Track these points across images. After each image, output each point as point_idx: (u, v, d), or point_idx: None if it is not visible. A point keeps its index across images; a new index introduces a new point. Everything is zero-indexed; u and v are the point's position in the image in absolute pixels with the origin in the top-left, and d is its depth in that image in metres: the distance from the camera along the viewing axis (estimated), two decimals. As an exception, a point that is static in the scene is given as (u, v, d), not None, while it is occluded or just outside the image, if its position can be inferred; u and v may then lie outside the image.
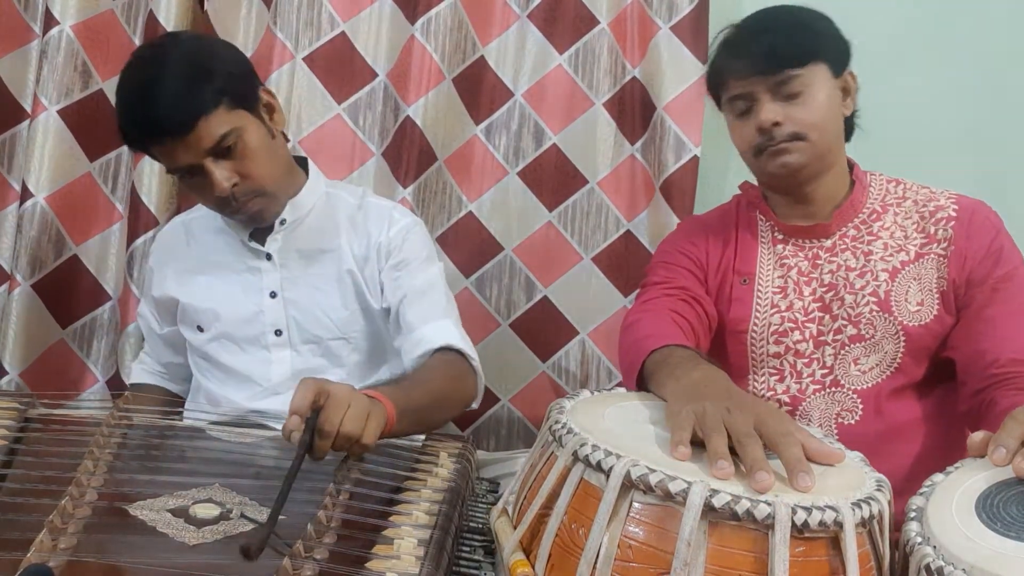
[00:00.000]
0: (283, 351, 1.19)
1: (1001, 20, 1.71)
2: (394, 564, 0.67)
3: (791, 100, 1.04)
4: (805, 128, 1.04)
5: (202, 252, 1.22)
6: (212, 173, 1.05)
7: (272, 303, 1.19)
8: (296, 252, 1.19)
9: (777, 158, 1.05)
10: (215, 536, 0.71)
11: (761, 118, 1.04)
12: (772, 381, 1.11)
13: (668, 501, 0.60)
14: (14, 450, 0.85)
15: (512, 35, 1.64)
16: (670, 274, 1.16)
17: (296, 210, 1.19)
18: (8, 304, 1.52)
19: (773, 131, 1.04)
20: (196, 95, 1.03)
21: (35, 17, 1.55)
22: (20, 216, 1.51)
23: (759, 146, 1.06)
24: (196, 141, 1.03)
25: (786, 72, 1.03)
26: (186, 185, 1.14)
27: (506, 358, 1.65)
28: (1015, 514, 0.63)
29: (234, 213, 1.13)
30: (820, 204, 1.11)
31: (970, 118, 1.70)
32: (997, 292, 1.03)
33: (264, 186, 1.11)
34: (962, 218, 1.07)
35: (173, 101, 1.02)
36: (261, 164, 1.09)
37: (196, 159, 1.05)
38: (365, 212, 1.23)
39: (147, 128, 1.04)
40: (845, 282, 1.08)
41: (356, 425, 0.83)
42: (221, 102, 1.04)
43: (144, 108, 1.03)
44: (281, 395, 1.16)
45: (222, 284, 1.20)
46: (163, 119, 1.02)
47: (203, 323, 1.20)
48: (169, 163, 1.08)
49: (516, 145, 1.65)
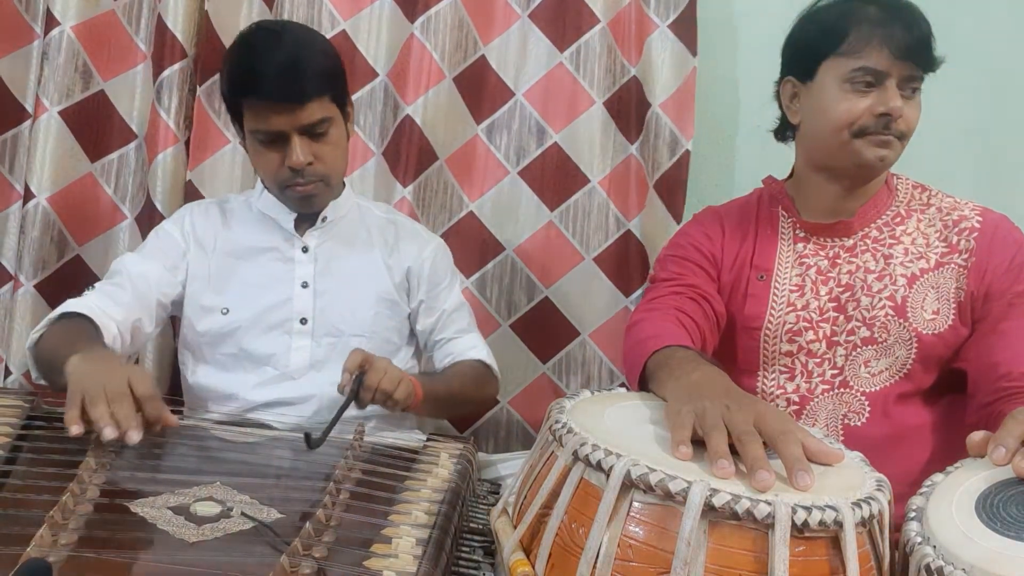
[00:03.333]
0: (304, 339, 1.23)
1: (1001, 20, 1.71)
2: (392, 563, 0.67)
3: (910, 98, 1.03)
4: (908, 130, 1.04)
5: (239, 236, 1.26)
6: (295, 146, 1.14)
7: (302, 292, 1.24)
8: (330, 249, 1.27)
9: (878, 149, 1.04)
10: (215, 534, 0.71)
11: (891, 104, 1.01)
12: (782, 379, 1.11)
13: (668, 500, 0.60)
14: (17, 447, 0.85)
15: (513, 34, 1.64)
16: (680, 270, 1.15)
17: (336, 211, 1.28)
18: (11, 305, 1.52)
19: (889, 121, 1.02)
20: (320, 77, 1.14)
21: (36, 18, 1.56)
22: (23, 217, 1.52)
23: (866, 128, 1.03)
24: (299, 115, 1.13)
25: (919, 70, 1.03)
26: (257, 148, 1.18)
27: (506, 359, 1.65)
28: (1015, 514, 0.63)
29: (293, 189, 1.19)
30: (850, 201, 1.10)
31: (970, 118, 1.70)
32: (1014, 307, 1.02)
33: (330, 175, 1.21)
34: (986, 231, 1.06)
35: (303, 74, 1.12)
36: (334, 156, 1.20)
37: (287, 129, 1.14)
38: (396, 227, 1.34)
39: (266, 86, 1.11)
40: (863, 284, 1.07)
41: (391, 385, 1.06)
42: (328, 92, 1.16)
43: (273, 67, 1.11)
44: (296, 380, 1.22)
45: (256, 269, 1.24)
46: (287, 85, 1.11)
47: (231, 304, 1.23)
48: (258, 123, 1.14)
49: (517, 144, 1.65)
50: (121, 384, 0.86)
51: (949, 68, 1.69)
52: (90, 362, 0.93)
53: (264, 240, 1.26)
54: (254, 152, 1.20)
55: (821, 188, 1.11)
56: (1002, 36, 1.70)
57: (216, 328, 1.23)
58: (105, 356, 0.99)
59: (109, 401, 0.84)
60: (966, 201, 1.11)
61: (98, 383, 0.86)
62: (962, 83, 1.69)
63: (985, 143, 1.71)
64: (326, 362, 1.23)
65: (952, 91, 1.69)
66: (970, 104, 1.70)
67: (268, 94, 1.12)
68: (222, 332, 1.23)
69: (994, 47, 1.70)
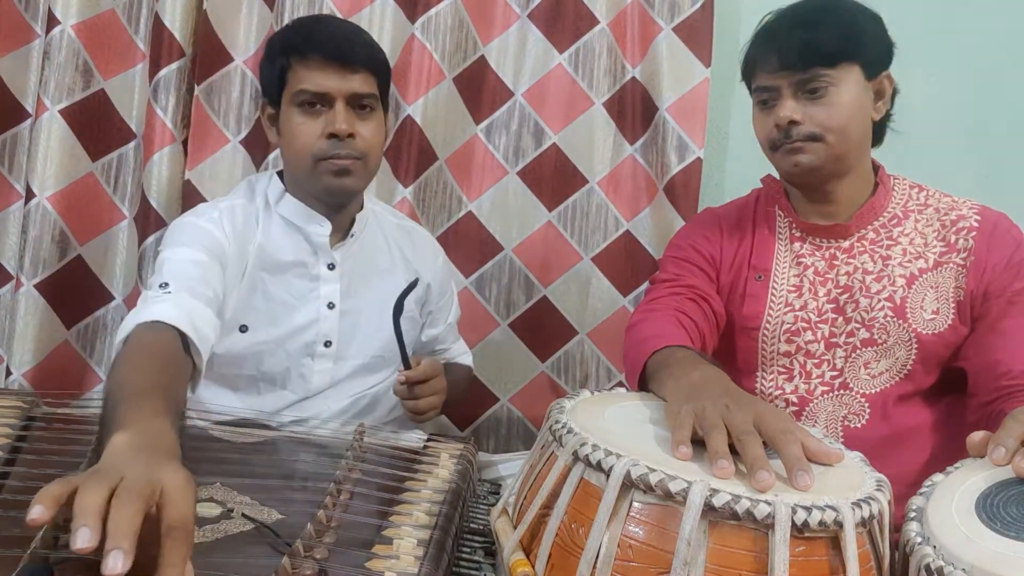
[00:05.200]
0: (327, 363, 1.19)
1: (1001, 20, 1.71)
2: (393, 564, 0.67)
3: (814, 99, 1.03)
4: (823, 129, 1.03)
5: (268, 246, 1.16)
6: (339, 111, 1.10)
7: (329, 314, 1.18)
8: (354, 267, 1.21)
9: (791, 156, 1.05)
10: (215, 535, 0.71)
11: (779, 115, 1.03)
12: (780, 380, 1.11)
13: (668, 500, 0.60)
14: (17, 448, 0.85)
15: (513, 34, 1.64)
16: (679, 271, 1.15)
17: (360, 224, 1.22)
18: (13, 304, 1.52)
19: (790, 129, 1.03)
20: (374, 53, 1.15)
21: (36, 17, 1.55)
22: (24, 216, 1.52)
23: (775, 141, 1.06)
24: (350, 79, 1.10)
25: (813, 70, 1.01)
26: (296, 118, 1.11)
27: (506, 358, 1.65)
28: (1015, 514, 0.63)
29: (330, 162, 1.11)
30: (841, 205, 1.10)
31: (970, 118, 1.70)
32: (1013, 305, 1.02)
33: (367, 154, 1.14)
34: (984, 229, 1.06)
35: (359, 43, 1.13)
36: (374, 138, 1.14)
37: (334, 91, 1.10)
38: (409, 236, 1.31)
39: (324, 44, 1.10)
40: (861, 285, 1.07)
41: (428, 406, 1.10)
42: (377, 75, 1.14)
43: (334, 30, 1.13)
44: (312, 399, 1.19)
45: (281, 285, 1.16)
46: (345, 46, 1.10)
47: (252, 323, 1.13)
48: (308, 82, 1.10)
49: (516, 145, 1.65)
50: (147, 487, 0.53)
51: (949, 68, 1.69)
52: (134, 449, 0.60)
53: (291, 254, 1.16)
54: (291, 125, 1.11)
55: (800, 196, 1.13)
56: (1002, 36, 1.70)
57: (233, 347, 1.13)
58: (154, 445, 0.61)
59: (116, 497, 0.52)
60: (964, 200, 1.11)
61: (116, 472, 0.54)
62: (962, 83, 1.70)
63: (985, 143, 1.71)
64: (345, 380, 1.20)
65: (952, 91, 1.69)
66: (970, 104, 1.70)
67: (323, 52, 1.09)
68: (240, 352, 1.14)
69: (994, 47, 1.70)
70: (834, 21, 1.03)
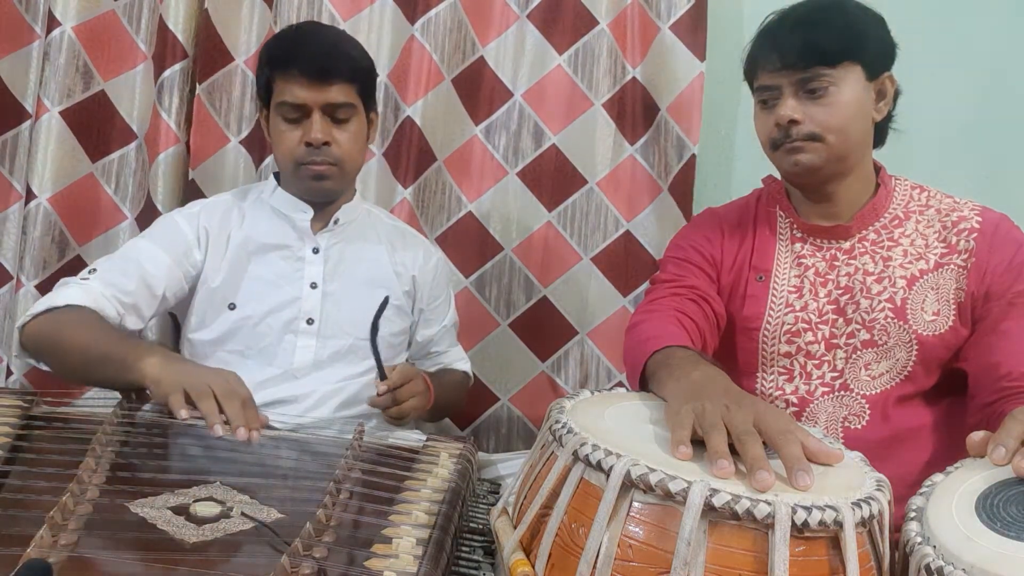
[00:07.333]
0: (310, 339, 1.24)
1: (1002, 20, 1.71)
2: (392, 563, 0.67)
3: (815, 99, 1.03)
4: (823, 129, 1.03)
5: (252, 232, 1.27)
6: (315, 121, 1.19)
7: (311, 292, 1.25)
8: (340, 251, 1.29)
9: (791, 156, 1.05)
10: (215, 534, 0.71)
11: (779, 114, 1.04)
12: (781, 381, 1.10)
13: (668, 500, 0.60)
14: (17, 447, 0.85)
15: (511, 35, 1.65)
16: (680, 271, 1.15)
17: (347, 214, 1.31)
18: (13, 305, 1.52)
19: (791, 128, 1.04)
20: (351, 64, 1.21)
21: (36, 18, 1.56)
22: (24, 217, 1.52)
23: (776, 141, 1.06)
24: (324, 92, 1.19)
25: (813, 70, 1.02)
26: (280, 125, 1.22)
27: (506, 358, 1.65)
28: (1015, 514, 0.63)
29: (308, 167, 1.22)
30: (841, 205, 1.10)
31: (970, 118, 1.70)
32: (1014, 306, 1.02)
33: (344, 161, 1.23)
34: (985, 231, 1.05)
35: (335, 57, 1.19)
36: (351, 145, 1.23)
37: (311, 103, 1.19)
38: (402, 235, 1.38)
39: (300, 61, 1.18)
40: (862, 286, 1.07)
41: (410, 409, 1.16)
42: (356, 83, 1.22)
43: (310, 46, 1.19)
44: (299, 380, 1.23)
45: (267, 267, 1.25)
46: (319, 62, 1.18)
47: (239, 301, 1.23)
48: (287, 94, 1.19)
49: (515, 145, 1.65)
50: (227, 384, 0.93)
51: (949, 68, 1.69)
52: (179, 362, 1.01)
53: (276, 237, 1.26)
54: (276, 131, 1.23)
55: (801, 196, 1.13)
56: (1002, 36, 1.71)
57: (222, 324, 1.23)
58: (185, 359, 1.12)
59: (219, 398, 0.90)
60: (965, 201, 1.10)
61: (201, 381, 0.92)
62: (962, 83, 1.70)
63: (985, 143, 1.71)
64: (329, 362, 1.24)
65: (952, 91, 1.69)
66: (970, 104, 1.70)
67: (299, 67, 1.17)
68: (228, 329, 1.23)
69: (994, 47, 1.70)
70: (836, 21, 1.03)
